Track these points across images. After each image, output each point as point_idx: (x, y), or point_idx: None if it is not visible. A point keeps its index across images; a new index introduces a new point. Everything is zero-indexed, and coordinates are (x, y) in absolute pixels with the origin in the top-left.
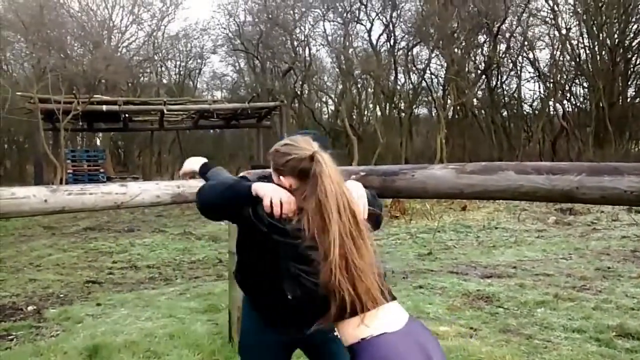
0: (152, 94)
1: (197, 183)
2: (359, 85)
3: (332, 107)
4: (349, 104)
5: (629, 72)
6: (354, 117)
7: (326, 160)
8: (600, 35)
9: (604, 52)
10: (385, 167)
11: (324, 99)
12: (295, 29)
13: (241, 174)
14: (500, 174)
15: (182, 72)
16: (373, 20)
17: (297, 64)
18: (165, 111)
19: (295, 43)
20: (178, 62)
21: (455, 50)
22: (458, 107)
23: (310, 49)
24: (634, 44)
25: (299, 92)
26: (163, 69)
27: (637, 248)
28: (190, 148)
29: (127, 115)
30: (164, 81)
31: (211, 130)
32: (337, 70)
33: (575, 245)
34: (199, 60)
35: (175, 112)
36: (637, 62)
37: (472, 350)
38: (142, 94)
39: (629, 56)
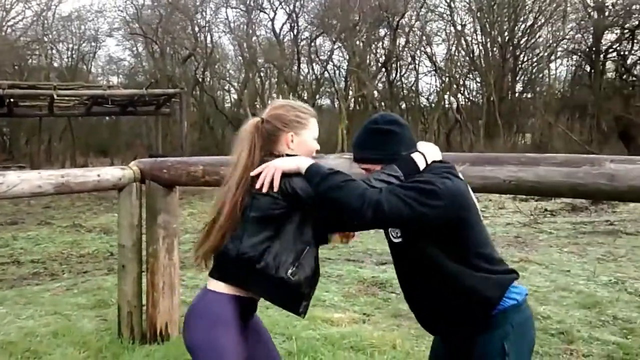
0: (41, 77)
1: (83, 173)
2: (262, 75)
3: (235, 96)
4: (252, 93)
5: (517, 68)
6: (257, 106)
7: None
8: (492, 32)
9: (495, 49)
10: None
11: (226, 87)
12: (197, 14)
13: (133, 162)
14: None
15: (74, 56)
16: (276, 9)
17: (199, 50)
18: (55, 96)
19: (197, 29)
20: (70, 45)
21: (357, 42)
22: (359, 99)
23: (212, 36)
24: (522, 41)
25: (200, 80)
26: (54, 51)
27: (519, 234)
28: (84, 136)
29: (12, 99)
30: (55, 64)
31: (107, 117)
32: (240, 58)
33: None
34: (93, 44)
35: (67, 98)
36: (525, 59)
37: (364, 335)
38: (30, 77)
39: (518, 53)
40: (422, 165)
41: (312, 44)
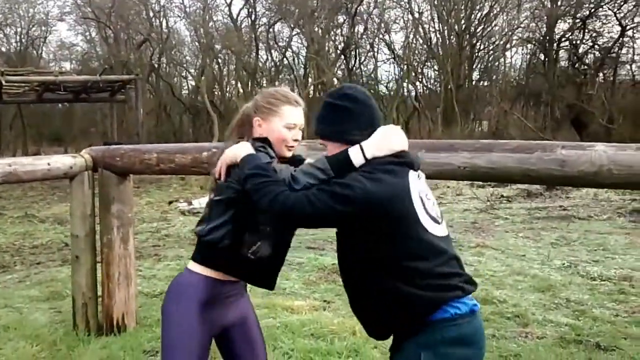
0: None
1: (32, 161)
2: (219, 61)
3: (193, 83)
4: (210, 79)
5: (474, 56)
6: (215, 93)
7: None
8: (449, 20)
9: (452, 37)
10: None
11: (183, 74)
12: None
13: (85, 150)
14: None
15: (23, 40)
16: None
17: (154, 35)
18: (3, 82)
19: (151, 13)
20: (19, 29)
21: (316, 29)
22: (319, 86)
23: (167, 21)
24: (478, 30)
25: (156, 66)
26: (0, 35)
27: (476, 220)
28: (36, 124)
29: None
30: (2, 49)
31: (60, 105)
32: (197, 44)
33: None
34: (43, 28)
35: (16, 84)
36: (481, 48)
37: (324, 322)
38: None
39: (474, 42)
40: (358, 162)
41: (270, 30)
